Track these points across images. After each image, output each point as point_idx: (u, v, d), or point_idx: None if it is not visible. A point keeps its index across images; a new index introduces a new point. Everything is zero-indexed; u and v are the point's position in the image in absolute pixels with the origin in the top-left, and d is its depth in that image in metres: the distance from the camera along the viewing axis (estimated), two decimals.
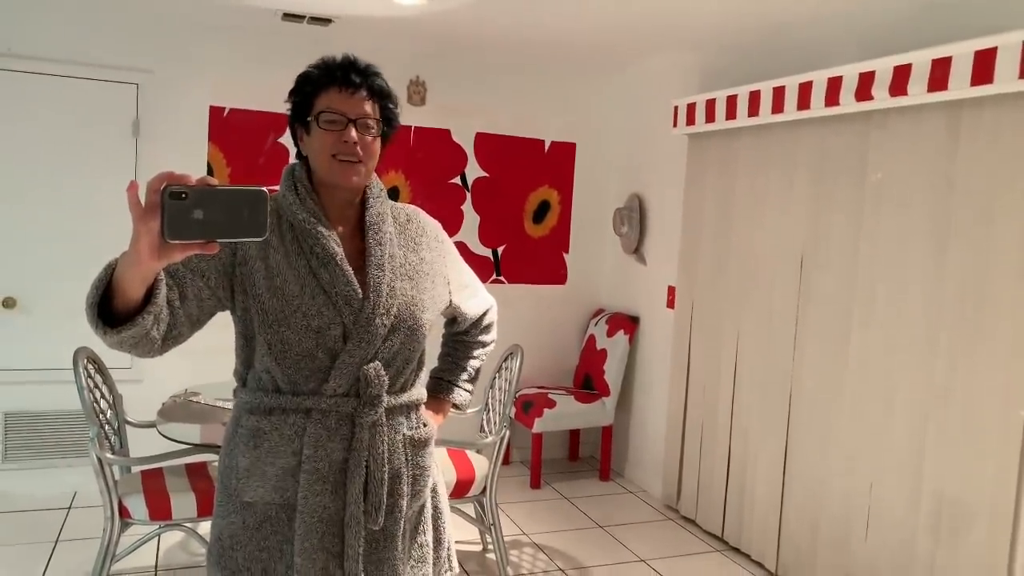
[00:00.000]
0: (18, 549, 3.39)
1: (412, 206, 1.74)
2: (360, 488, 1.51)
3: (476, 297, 1.85)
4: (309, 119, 1.52)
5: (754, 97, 3.49)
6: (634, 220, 4.68)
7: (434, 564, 1.68)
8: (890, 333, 2.94)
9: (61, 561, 3.30)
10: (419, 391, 1.65)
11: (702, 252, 4.01)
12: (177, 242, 1.03)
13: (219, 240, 1.05)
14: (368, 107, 1.52)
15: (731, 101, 3.65)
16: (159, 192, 1.01)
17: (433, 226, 1.73)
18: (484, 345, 1.91)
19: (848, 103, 3.00)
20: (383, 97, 1.56)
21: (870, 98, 2.90)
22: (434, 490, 1.69)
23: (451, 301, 1.72)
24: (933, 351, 2.77)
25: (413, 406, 1.63)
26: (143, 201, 1.03)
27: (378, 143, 1.55)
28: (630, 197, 4.76)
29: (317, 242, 1.50)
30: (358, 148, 1.50)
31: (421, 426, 1.64)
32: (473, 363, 1.90)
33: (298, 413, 1.50)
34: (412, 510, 1.62)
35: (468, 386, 1.90)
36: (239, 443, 1.53)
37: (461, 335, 1.90)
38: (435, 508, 1.70)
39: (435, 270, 1.66)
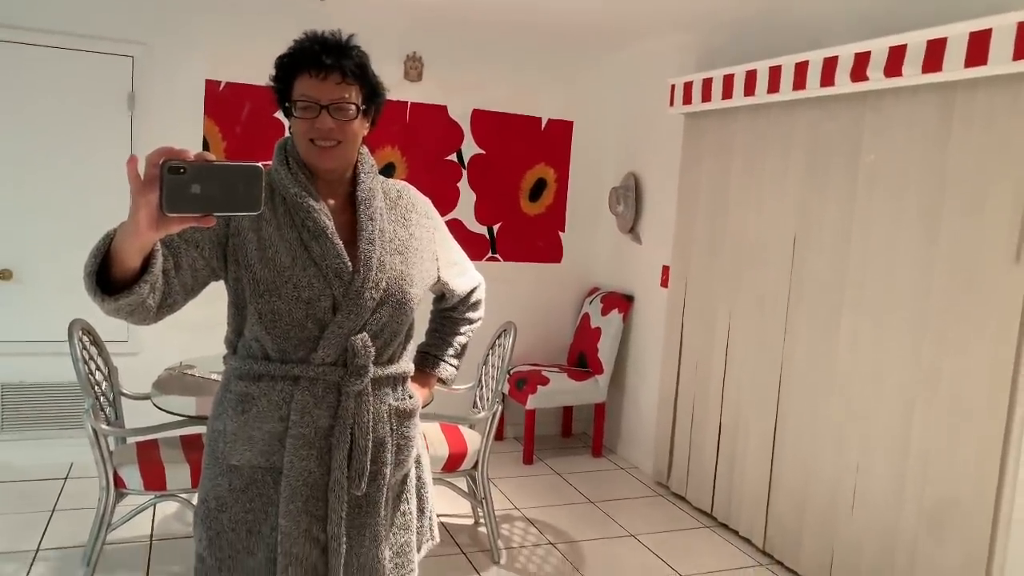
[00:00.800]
0: (14, 518, 3.43)
1: (403, 182, 1.75)
2: (345, 455, 1.54)
3: (465, 275, 1.87)
4: (287, 104, 1.54)
5: (750, 76, 3.49)
6: (630, 199, 4.69)
7: (416, 532, 1.71)
8: (880, 316, 2.96)
9: (57, 530, 3.34)
10: (406, 364, 1.68)
11: (697, 232, 4.02)
12: (175, 215, 1.07)
13: (216, 214, 1.09)
14: (343, 90, 1.51)
15: (727, 80, 3.64)
16: (158, 166, 1.05)
17: (423, 202, 1.75)
18: (471, 322, 1.94)
19: (843, 83, 3.00)
20: (359, 77, 1.54)
21: (865, 79, 2.90)
22: (418, 461, 1.73)
23: (439, 277, 1.75)
24: (921, 335, 2.79)
25: (400, 378, 1.65)
26: (142, 174, 1.06)
27: (358, 123, 1.55)
28: (626, 176, 4.76)
29: (308, 215, 1.52)
30: (334, 132, 1.51)
31: (407, 398, 1.67)
32: (460, 339, 1.93)
33: (286, 380, 1.53)
34: (395, 479, 1.65)
35: (454, 361, 1.93)
36: (227, 408, 1.57)
37: (449, 311, 1.93)
38: (418, 478, 1.73)
39: (424, 246, 1.69)
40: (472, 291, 1.92)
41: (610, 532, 3.70)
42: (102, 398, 3.00)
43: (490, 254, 4.86)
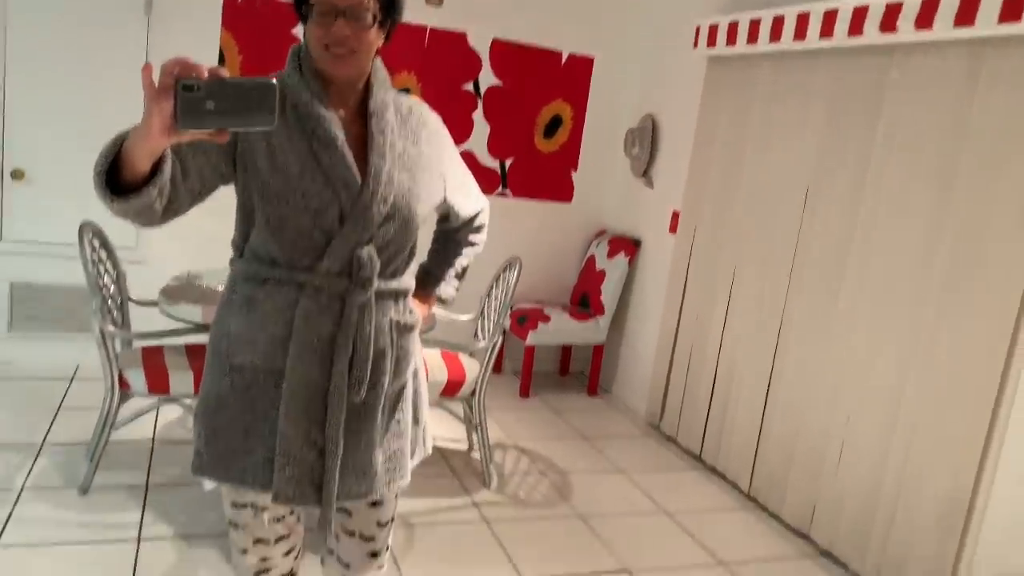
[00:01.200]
0: (21, 413, 3.52)
1: (415, 98, 1.74)
2: (346, 363, 1.57)
3: (470, 197, 1.88)
4: (303, 9, 1.52)
5: (777, 22, 3.42)
6: (645, 142, 4.65)
7: (411, 440, 1.76)
8: (885, 275, 2.96)
9: (62, 427, 3.44)
10: (408, 280, 1.70)
11: (710, 178, 4.00)
12: (189, 130, 1.10)
13: (230, 129, 1.11)
14: None
15: (753, 25, 3.57)
16: (172, 76, 1.06)
17: (434, 120, 1.75)
18: (473, 245, 1.96)
19: (871, 34, 2.94)
20: None
21: (894, 29, 2.84)
22: (415, 374, 1.77)
23: (445, 198, 1.75)
24: (924, 298, 2.80)
25: (401, 293, 1.68)
26: (156, 82, 1.07)
27: (374, 32, 1.52)
28: (644, 118, 4.71)
29: (319, 125, 1.52)
30: (349, 40, 1.49)
31: (407, 313, 1.70)
32: (461, 260, 1.95)
33: (291, 286, 1.56)
34: (393, 389, 1.69)
35: (455, 282, 1.96)
36: (232, 309, 1.60)
37: (452, 232, 1.95)
38: (415, 391, 1.77)
39: (432, 165, 1.69)
40: (477, 214, 1.93)
41: (599, 467, 3.78)
42: (110, 301, 3.04)
43: (500, 189, 4.84)
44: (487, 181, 4.77)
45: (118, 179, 1.24)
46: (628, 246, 4.69)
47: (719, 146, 3.93)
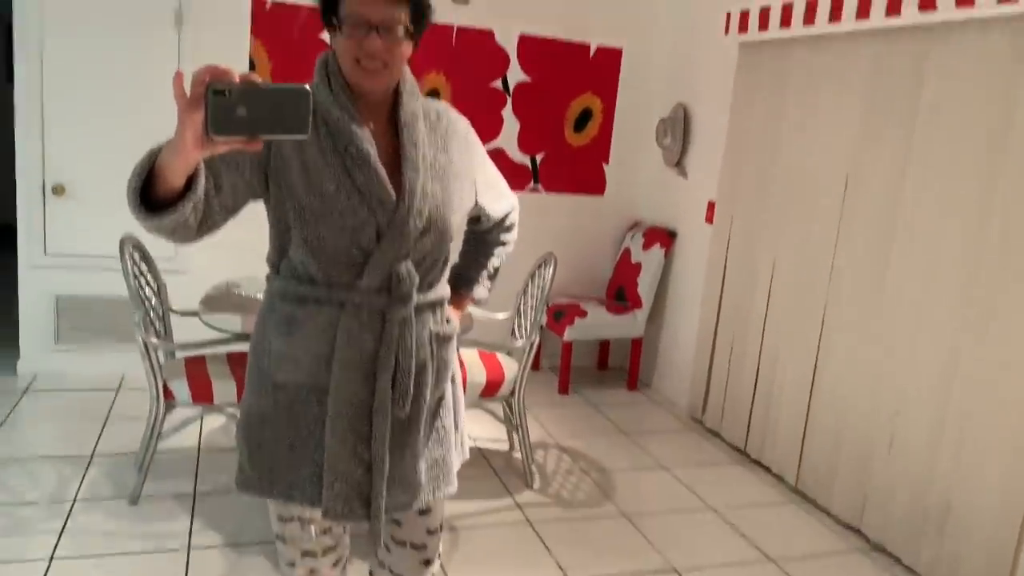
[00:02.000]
0: (70, 425, 3.59)
1: (443, 103, 1.72)
2: (389, 379, 1.57)
3: (500, 198, 1.86)
4: (334, 21, 1.50)
5: (811, 5, 3.34)
6: (677, 132, 4.58)
7: (452, 447, 1.76)
8: (929, 263, 2.88)
9: (111, 438, 3.50)
10: (444, 288, 1.69)
11: (745, 168, 3.93)
12: (221, 138, 1.06)
13: (262, 137, 1.08)
14: (393, 9, 1.47)
15: (786, 8, 3.49)
16: (203, 84, 1.04)
17: (463, 124, 1.73)
18: (504, 244, 1.94)
19: (910, 14, 2.85)
20: None
21: (934, 7, 2.75)
22: (452, 380, 1.76)
23: (477, 201, 1.74)
24: (972, 286, 2.71)
25: (439, 303, 1.67)
26: (188, 92, 1.05)
27: (405, 46, 1.51)
28: (675, 107, 4.64)
29: (351, 141, 1.51)
30: (382, 54, 1.47)
31: (445, 322, 1.69)
32: (493, 261, 1.94)
33: (332, 305, 1.55)
34: (433, 399, 1.69)
35: (488, 283, 1.95)
36: (273, 327, 1.59)
37: (484, 233, 1.93)
38: (454, 397, 1.77)
39: (464, 172, 1.67)
40: (507, 214, 1.91)
41: (642, 464, 3.75)
42: (152, 313, 3.08)
43: (532, 184, 4.81)
44: (519, 177, 4.75)
45: (152, 195, 1.24)
46: (664, 237, 4.64)
47: (754, 133, 3.85)
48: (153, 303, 3.16)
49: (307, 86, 1.09)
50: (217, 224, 1.44)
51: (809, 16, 3.35)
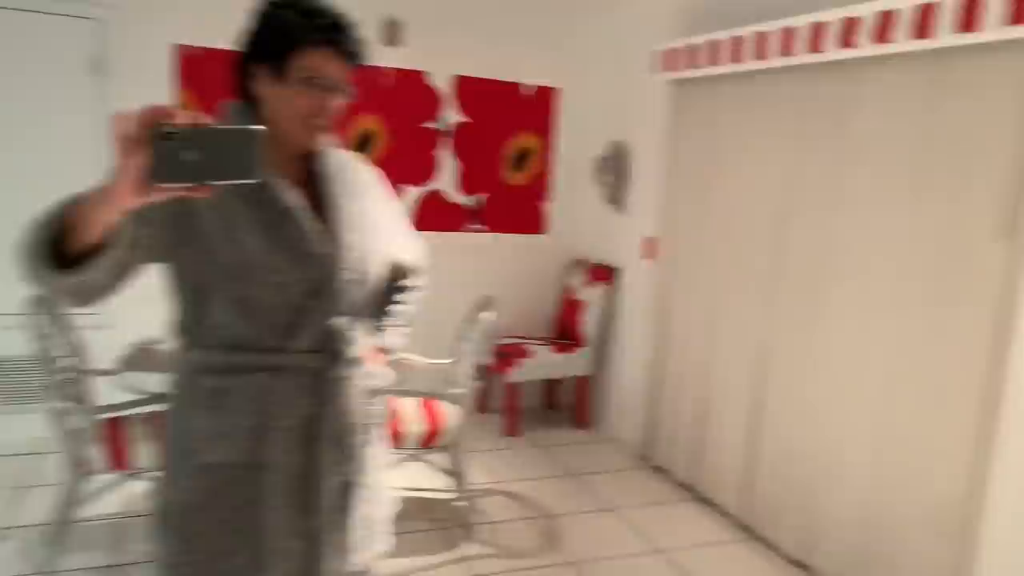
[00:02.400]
0: None
1: (348, 152, 1.67)
2: (329, 442, 1.49)
3: (408, 243, 1.82)
4: (282, 72, 1.41)
5: (736, 43, 3.38)
6: (616, 169, 4.59)
7: (381, 502, 1.69)
8: (865, 293, 2.89)
9: (30, 508, 3.29)
10: (365, 341, 1.62)
11: (683, 202, 3.93)
12: (164, 185, 0.96)
13: (210, 183, 0.98)
14: (346, 70, 1.44)
15: (713, 47, 3.53)
16: (148, 126, 0.94)
17: (369, 174, 1.69)
18: (413, 290, 1.87)
19: (831, 50, 2.89)
20: (357, 58, 1.46)
21: (854, 45, 2.80)
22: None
23: (387, 249, 1.68)
24: (906, 311, 2.73)
25: (362, 357, 1.60)
26: (129, 135, 0.94)
27: None
28: (613, 145, 4.65)
29: (277, 196, 1.43)
30: (330, 113, 1.44)
31: (370, 375, 1.62)
32: (404, 308, 1.86)
33: (263, 371, 1.45)
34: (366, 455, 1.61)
35: (399, 331, 1.85)
36: (195, 404, 1.47)
37: (391, 281, 1.86)
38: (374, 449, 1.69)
39: (375, 220, 1.62)
40: (414, 259, 1.86)
41: (590, 506, 3.66)
42: (66, 374, 2.91)
43: (473, 225, 4.76)
44: (459, 218, 4.70)
45: (58, 251, 1.12)
46: (606, 274, 4.61)
47: (690, 169, 3.87)
48: (70, 363, 2.99)
49: (260, 127, 1.01)
50: (126, 284, 1.31)
51: (736, 53, 3.39)
